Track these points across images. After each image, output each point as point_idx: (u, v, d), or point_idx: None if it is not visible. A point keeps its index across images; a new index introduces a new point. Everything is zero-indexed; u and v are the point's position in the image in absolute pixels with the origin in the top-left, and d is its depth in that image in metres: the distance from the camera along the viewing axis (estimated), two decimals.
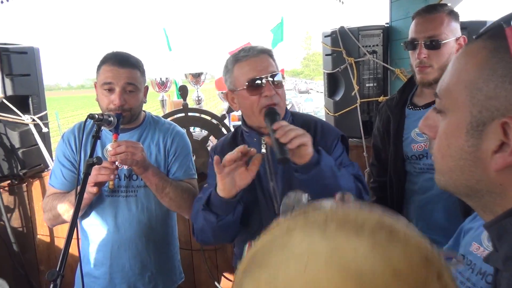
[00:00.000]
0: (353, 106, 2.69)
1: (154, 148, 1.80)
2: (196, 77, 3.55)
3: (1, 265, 2.60)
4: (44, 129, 2.63)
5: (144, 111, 1.87)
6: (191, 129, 3.07)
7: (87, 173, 1.40)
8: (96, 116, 1.51)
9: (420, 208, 1.80)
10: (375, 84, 2.68)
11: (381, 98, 2.63)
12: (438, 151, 0.66)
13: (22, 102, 2.55)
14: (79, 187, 1.37)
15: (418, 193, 1.80)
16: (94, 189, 1.55)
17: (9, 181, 2.59)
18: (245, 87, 1.43)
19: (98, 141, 1.69)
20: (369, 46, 2.65)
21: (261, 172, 1.48)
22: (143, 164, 1.61)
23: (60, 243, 2.74)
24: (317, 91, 43.33)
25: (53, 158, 2.70)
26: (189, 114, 2.91)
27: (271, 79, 1.42)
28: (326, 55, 2.84)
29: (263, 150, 1.48)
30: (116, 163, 1.58)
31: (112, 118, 1.58)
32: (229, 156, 1.28)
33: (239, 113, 1.68)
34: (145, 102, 1.83)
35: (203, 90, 3.64)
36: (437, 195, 1.72)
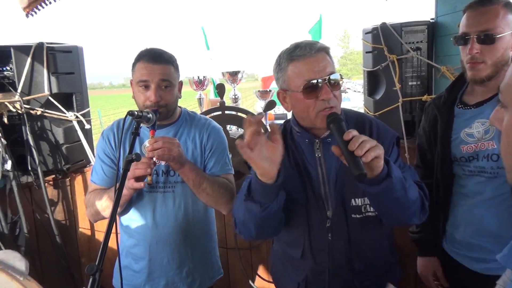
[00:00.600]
0: (395, 106, 2.59)
1: (191, 144, 1.80)
2: (233, 75, 3.54)
3: (45, 256, 2.71)
4: (87, 126, 2.71)
5: (180, 107, 1.88)
6: (228, 127, 3.08)
7: (126, 169, 1.42)
8: (136, 113, 1.53)
9: (469, 213, 1.69)
10: (418, 83, 2.57)
11: (424, 97, 2.51)
12: (503, 148, 0.62)
13: (66, 100, 2.64)
14: (118, 183, 1.39)
15: (467, 197, 1.70)
16: (140, 184, 1.56)
17: (53, 176, 2.69)
18: (300, 89, 1.34)
19: (137, 138, 1.72)
20: (413, 42, 2.54)
21: (314, 175, 1.45)
22: (179, 160, 1.61)
23: (100, 236, 2.82)
24: (354, 91, 42.52)
25: (95, 155, 2.78)
26: (226, 112, 2.92)
27: (328, 81, 1.33)
28: (367, 52, 2.75)
29: (318, 154, 1.44)
30: (154, 158, 1.59)
31: (150, 115, 1.60)
32: (247, 136, 1.19)
33: (277, 111, 1.65)
34: (180, 97, 1.83)
35: (240, 88, 3.64)
36: (488, 199, 1.61)
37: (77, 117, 2.65)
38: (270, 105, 2.97)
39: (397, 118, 2.58)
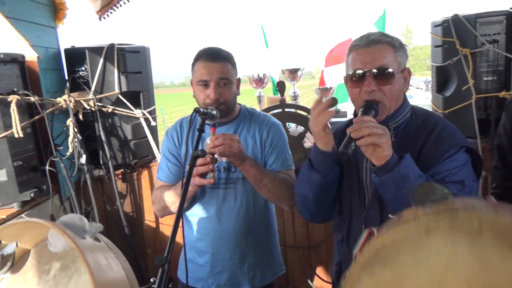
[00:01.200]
0: (467, 103, 2.42)
1: (251, 140, 1.81)
2: (293, 73, 3.52)
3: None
4: (153, 123, 2.83)
5: (239, 104, 1.90)
6: (287, 124, 3.06)
7: (192, 165, 1.45)
8: (201, 110, 1.56)
9: None
10: (495, 78, 2.38)
11: (502, 94, 2.32)
12: None
13: (134, 98, 2.76)
14: (184, 179, 1.43)
15: None
16: (210, 180, 1.61)
17: (122, 170, 2.84)
18: (348, 78, 1.42)
19: (196, 136, 1.78)
20: (489, 35, 2.36)
21: (359, 166, 1.48)
22: (240, 156, 1.63)
23: (164, 229, 2.94)
24: (417, 88, 40.57)
25: (159, 150, 2.90)
26: (286, 109, 2.90)
27: (374, 73, 1.34)
28: (436, 46, 2.60)
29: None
30: (215, 155, 1.62)
31: (215, 112, 1.63)
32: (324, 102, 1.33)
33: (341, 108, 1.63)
34: (238, 94, 1.85)
35: (299, 86, 3.61)
36: None
37: (144, 114, 2.77)
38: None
39: (469, 116, 2.41)
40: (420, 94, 28.34)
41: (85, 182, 2.60)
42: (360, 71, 1.36)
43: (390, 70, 1.35)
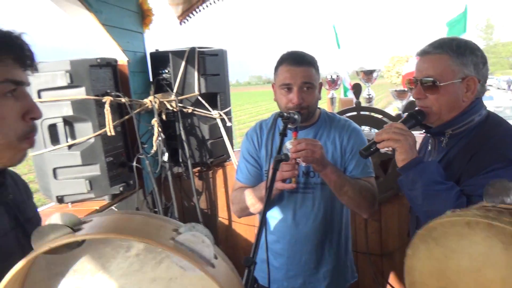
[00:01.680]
0: None
1: (330, 145, 1.79)
2: (368, 74, 3.43)
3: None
4: (228, 124, 2.91)
5: (318, 108, 1.88)
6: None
7: (276, 169, 1.47)
8: (285, 114, 1.58)
9: None
10: None
11: None
12: None
13: (211, 99, 2.87)
14: (268, 182, 1.45)
15: None
16: (292, 185, 1.61)
17: (199, 168, 2.96)
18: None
19: (278, 138, 1.79)
20: None
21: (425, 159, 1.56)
22: (322, 162, 1.61)
23: (236, 227, 3.02)
24: (498, 88, 37.49)
25: (234, 150, 2.98)
26: (361, 112, 2.85)
27: (420, 82, 1.42)
28: None
29: (429, 145, 1.61)
30: (298, 160, 1.62)
31: (297, 116, 1.63)
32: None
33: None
34: (320, 99, 1.83)
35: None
36: None
37: (220, 115, 2.86)
38: (411, 106, 2.80)
39: None
40: (502, 95, 26.17)
41: (165, 179, 2.75)
42: (413, 78, 1.46)
43: (436, 81, 1.37)
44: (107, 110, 2.20)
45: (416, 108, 1.45)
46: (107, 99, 2.21)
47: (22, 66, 0.89)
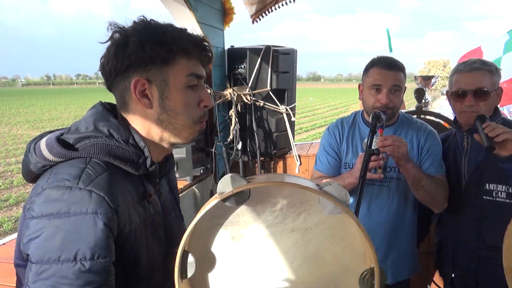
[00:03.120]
0: None
1: (408, 144, 1.94)
2: (426, 80, 3.56)
3: None
4: (293, 119, 3.12)
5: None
6: None
7: (368, 161, 1.66)
8: (376, 113, 1.76)
9: None
10: None
11: None
12: None
13: (280, 95, 3.07)
14: (362, 172, 1.64)
15: None
16: (380, 175, 1.80)
17: (262, 158, 3.17)
18: (453, 92, 1.85)
19: (357, 134, 2.00)
20: None
21: (458, 161, 1.93)
22: (406, 157, 1.78)
23: None
24: None
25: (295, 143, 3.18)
26: (421, 116, 2.98)
27: (474, 92, 1.77)
28: None
29: (464, 144, 1.91)
30: (383, 154, 1.80)
31: (383, 116, 1.81)
32: None
33: None
34: (403, 102, 2.00)
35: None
36: None
37: (287, 110, 3.07)
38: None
39: None
40: None
41: (233, 165, 2.98)
42: (461, 90, 1.80)
43: (485, 92, 1.77)
44: None
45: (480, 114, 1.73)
46: None
47: (202, 63, 1.09)
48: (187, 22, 2.38)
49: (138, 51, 0.96)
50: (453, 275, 2.02)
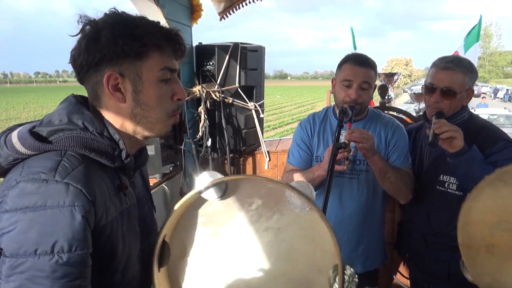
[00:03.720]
0: None
1: (376, 138, 2.02)
2: (389, 77, 3.69)
3: None
4: (262, 115, 3.14)
5: None
6: None
7: (335, 154, 1.71)
8: (343, 108, 1.82)
9: None
10: None
11: None
12: None
13: (248, 91, 3.08)
14: (330, 166, 1.69)
15: None
16: (343, 167, 1.84)
17: (232, 155, 3.18)
18: (424, 87, 1.95)
19: (328, 128, 2.05)
20: None
21: (423, 147, 2.06)
22: (373, 150, 1.86)
23: None
24: (491, 96, 38.04)
25: (264, 140, 3.21)
26: (385, 112, 3.08)
27: (441, 90, 1.85)
28: None
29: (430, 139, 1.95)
30: (353, 147, 1.86)
31: (350, 111, 1.87)
32: None
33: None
34: (372, 98, 2.08)
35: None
36: None
37: (255, 106, 3.09)
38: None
39: None
40: (494, 104, 26.63)
41: (202, 162, 2.98)
42: (430, 86, 1.89)
43: (452, 91, 1.85)
44: None
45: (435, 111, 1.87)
46: None
47: (176, 57, 1.10)
48: (154, 18, 2.31)
49: (110, 45, 0.96)
50: (407, 255, 2.21)
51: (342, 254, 2.05)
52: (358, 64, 1.95)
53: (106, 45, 0.96)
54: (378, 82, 3.75)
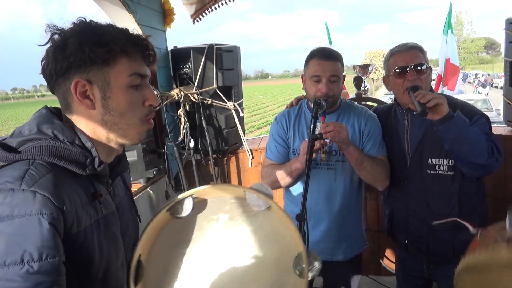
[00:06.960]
0: None
1: (350, 128, 2.08)
2: (364, 68, 3.76)
3: None
4: (241, 114, 3.19)
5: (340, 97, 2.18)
6: None
7: (312, 146, 1.76)
8: (317, 100, 1.87)
9: None
10: None
11: None
12: None
13: (226, 92, 3.12)
14: (307, 156, 1.74)
15: None
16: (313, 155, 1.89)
17: (214, 155, 3.22)
18: (393, 73, 1.94)
19: (303, 121, 2.11)
20: None
21: (401, 138, 2.06)
22: (347, 141, 1.91)
23: None
24: (469, 82, 38.86)
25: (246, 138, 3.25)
26: (362, 102, 3.16)
27: (414, 67, 1.89)
28: (510, 42, 2.77)
29: (405, 121, 2.04)
30: (326, 139, 1.91)
31: (324, 103, 1.93)
32: None
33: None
34: (343, 90, 2.14)
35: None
36: None
37: (234, 106, 3.13)
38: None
39: None
40: (470, 90, 27.21)
41: (186, 164, 3.01)
42: (404, 68, 1.90)
43: (425, 66, 1.92)
44: None
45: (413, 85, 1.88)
46: None
47: (146, 63, 1.10)
48: (126, 24, 2.37)
49: (77, 52, 0.97)
50: (406, 241, 2.15)
51: (324, 243, 2.14)
52: (324, 58, 1.99)
53: (73, 53, 0.97)
54: (353, 74, 3.86)
